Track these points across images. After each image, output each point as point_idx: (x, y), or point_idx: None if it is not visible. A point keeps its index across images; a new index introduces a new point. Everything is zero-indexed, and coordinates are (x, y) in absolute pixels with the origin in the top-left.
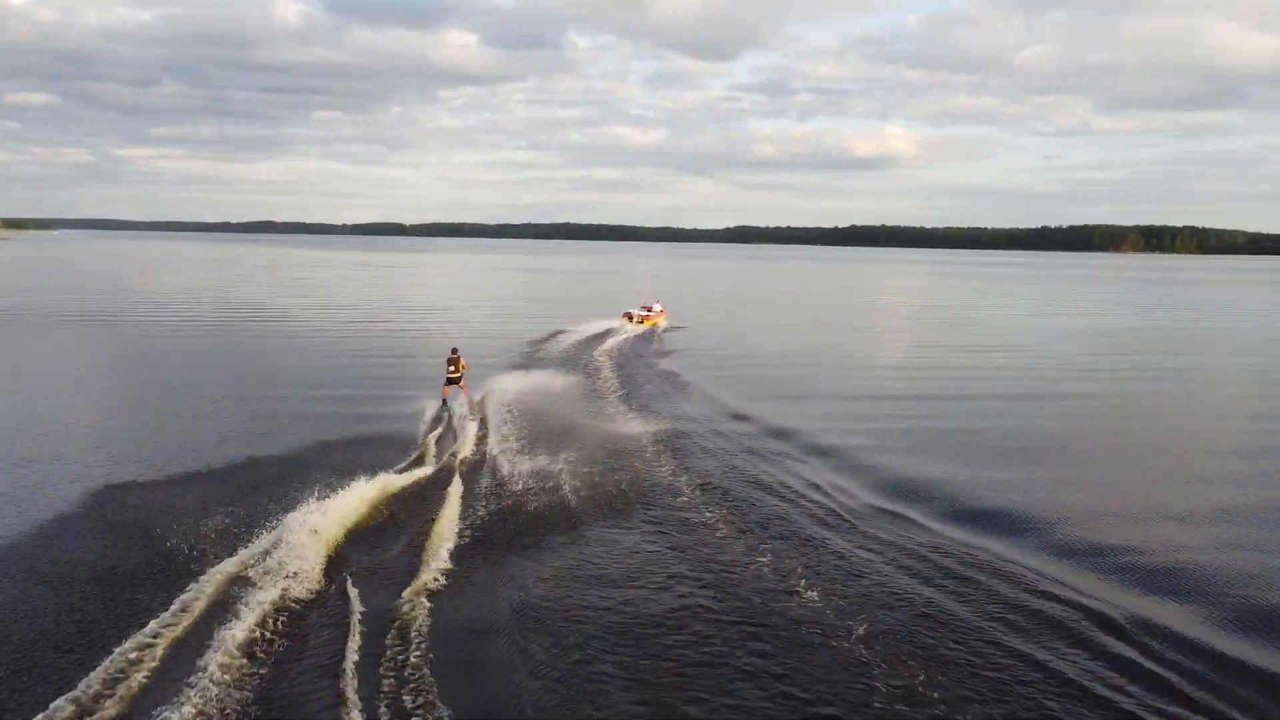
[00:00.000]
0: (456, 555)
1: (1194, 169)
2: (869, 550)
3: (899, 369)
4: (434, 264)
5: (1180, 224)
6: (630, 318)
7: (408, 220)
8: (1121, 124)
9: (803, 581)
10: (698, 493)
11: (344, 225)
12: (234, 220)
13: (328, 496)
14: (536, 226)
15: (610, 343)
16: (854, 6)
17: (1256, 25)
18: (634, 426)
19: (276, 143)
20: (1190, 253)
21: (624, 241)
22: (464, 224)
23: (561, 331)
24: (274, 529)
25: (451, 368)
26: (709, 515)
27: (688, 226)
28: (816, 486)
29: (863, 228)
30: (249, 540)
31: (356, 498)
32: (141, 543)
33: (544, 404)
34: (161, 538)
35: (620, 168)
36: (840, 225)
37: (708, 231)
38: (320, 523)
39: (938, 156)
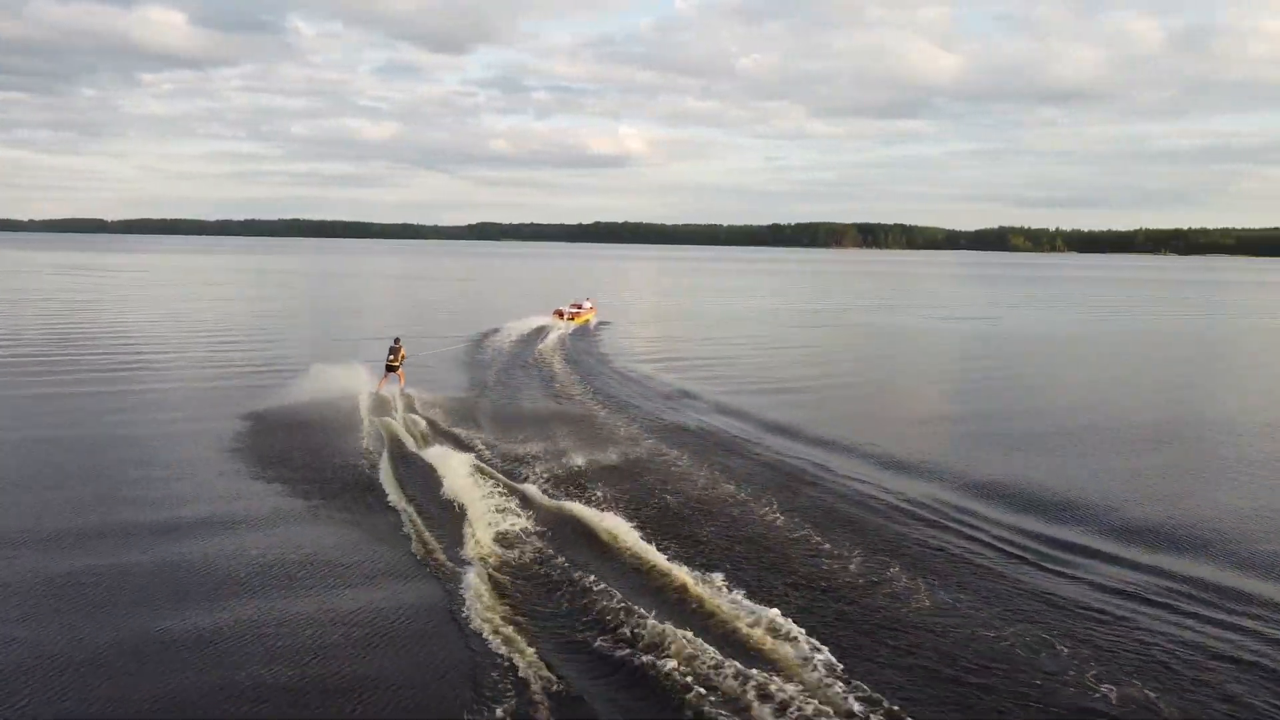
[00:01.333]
0: None
1: (897, 171)
2: None
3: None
4: (177, 266)
5: (891, 222)
6: (562, 315)
7: (110, 215)
8: (834, 129)
9: None
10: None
11: (31, 221)
12: None
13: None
14: (262, 223)
15: (552, 337)
16: (588, 7)
17: (941, 44)
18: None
19: None
20: (900, 248)
21: (361, 239)
22: (179, 220)
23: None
24: None
25: (392, 356)
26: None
27: (428, 223)
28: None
29: (607, 224)
30: None
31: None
32: None
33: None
34: None
35: (351, 162)
36: (585, 222)
37: (450, 229)
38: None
39: (671, 156)
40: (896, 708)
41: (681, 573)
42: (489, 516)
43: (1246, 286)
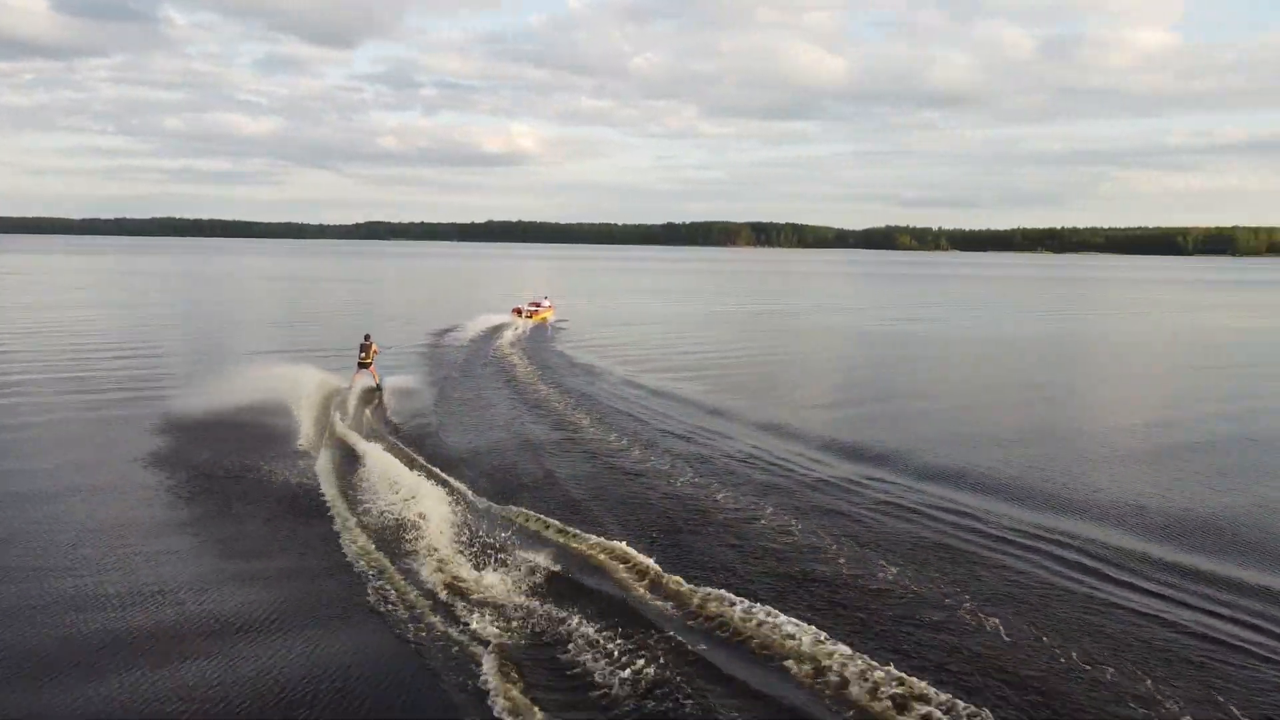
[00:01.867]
0: None
1: (786, 171)
2: None
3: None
4: (43, 268)
5: (782, 221)
6: (520, 313)
7: None
8: (723, 129)
9: None
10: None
11: None
12: None
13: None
14: (133, 222)
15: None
16: (477, 3)
17: (828, 48)
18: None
19: None
20: (792, 246)
21: (243, 239)
22: (42, 219)
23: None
24: None
25: (363, 353)
26: None
27: (313, 222)
28: None
29: (500, 223)
30: None
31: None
32: None
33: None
34: None
35: (229, 158)
36: (477, 221)
37: (337, 228)
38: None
39: (564, 155)
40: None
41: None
42: (455, 543)
43: (1155, 285)
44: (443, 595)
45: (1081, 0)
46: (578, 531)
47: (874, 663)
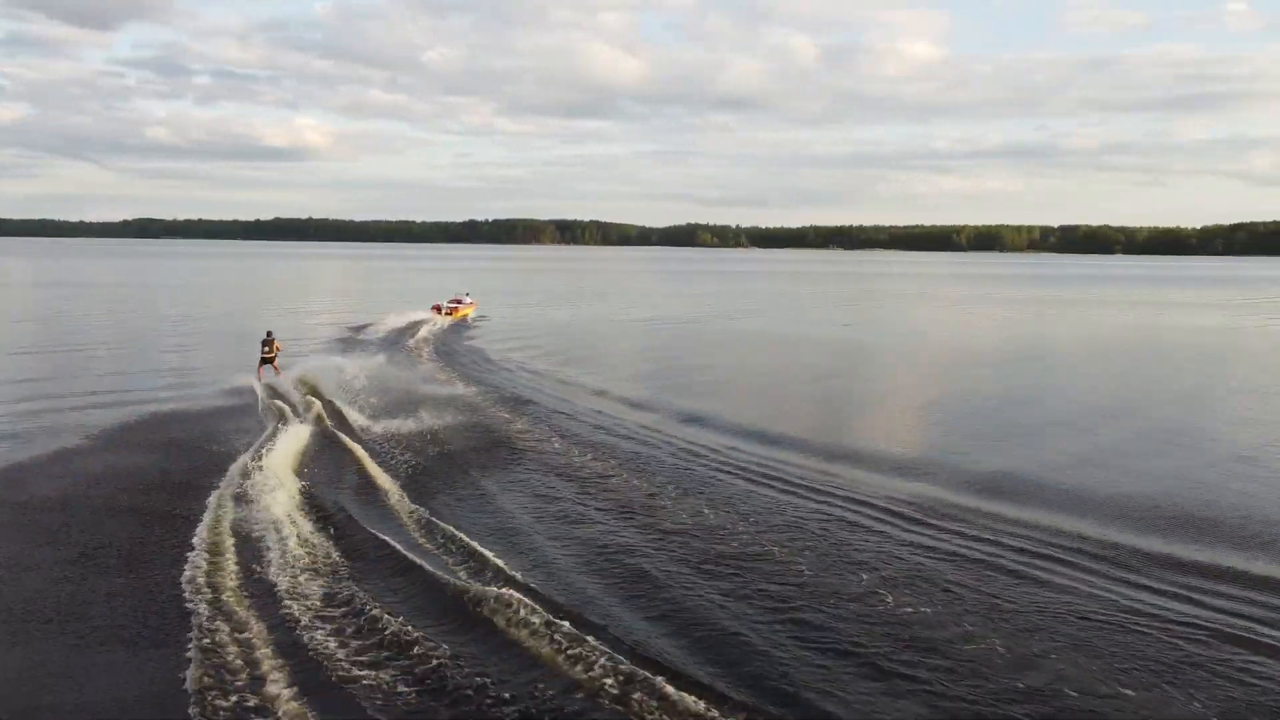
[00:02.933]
0: None
1: (586, 170)
2: None
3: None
4: None
5: (586, 219)
6: (440, 310)
7: None
8: (522, 127)
9: None
10: None
11: None
12: None
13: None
14: None
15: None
16: None
17: (623, 48)
18: None
19: None
20: (597, 244)
21: None
22: None
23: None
24: None
25: (266, 349)
26: None
27: (72, 219)
28: None
29: (288, 220)
30: None
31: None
32: None
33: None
34: None
35: None
36: (263, 218)
37: (101, 225)
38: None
39: (355, 150)
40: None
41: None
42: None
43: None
44: None
45: (860, 12)
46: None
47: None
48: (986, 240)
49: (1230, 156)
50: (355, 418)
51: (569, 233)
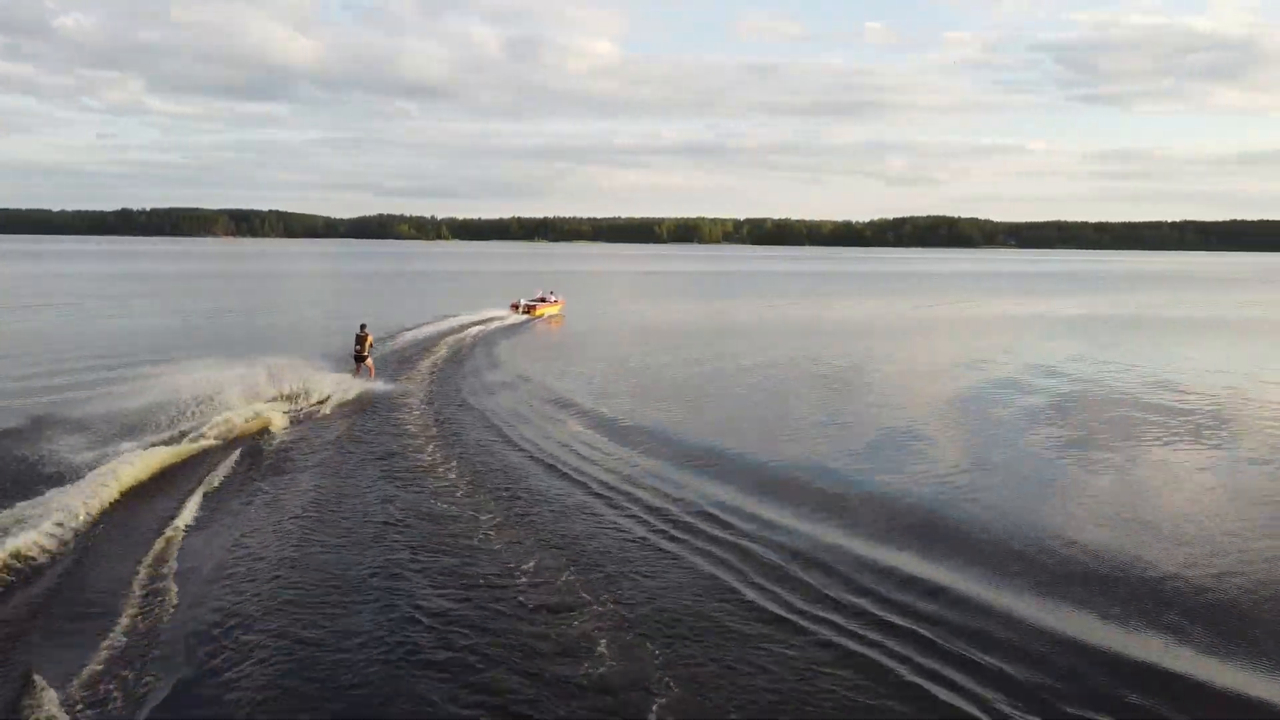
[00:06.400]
0: None
1: (257, 157)
2: None
3: None
4: None
5: (265, 208)
6: (517, 308)
7: None
8: (181, 107)
9: None
10: None
11: None
12: None
13: None
14: None
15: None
16: None
17: (297, 26)
18: None
19: None
20: (279, 236)
21: None
22: None
23: None
24: None
25: (359, 345)
26: None
27: None
28: None
29: None
30: None
31: None
32: None
33: None
34: None
35: None
36: None
37: None
38: None
39: None
40: None
41: None
42: None
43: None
44: None
45: (543, 6)
46: None
47: None
48: (686, 232)
49: (872, 159)
50: None
51: (246, 224)
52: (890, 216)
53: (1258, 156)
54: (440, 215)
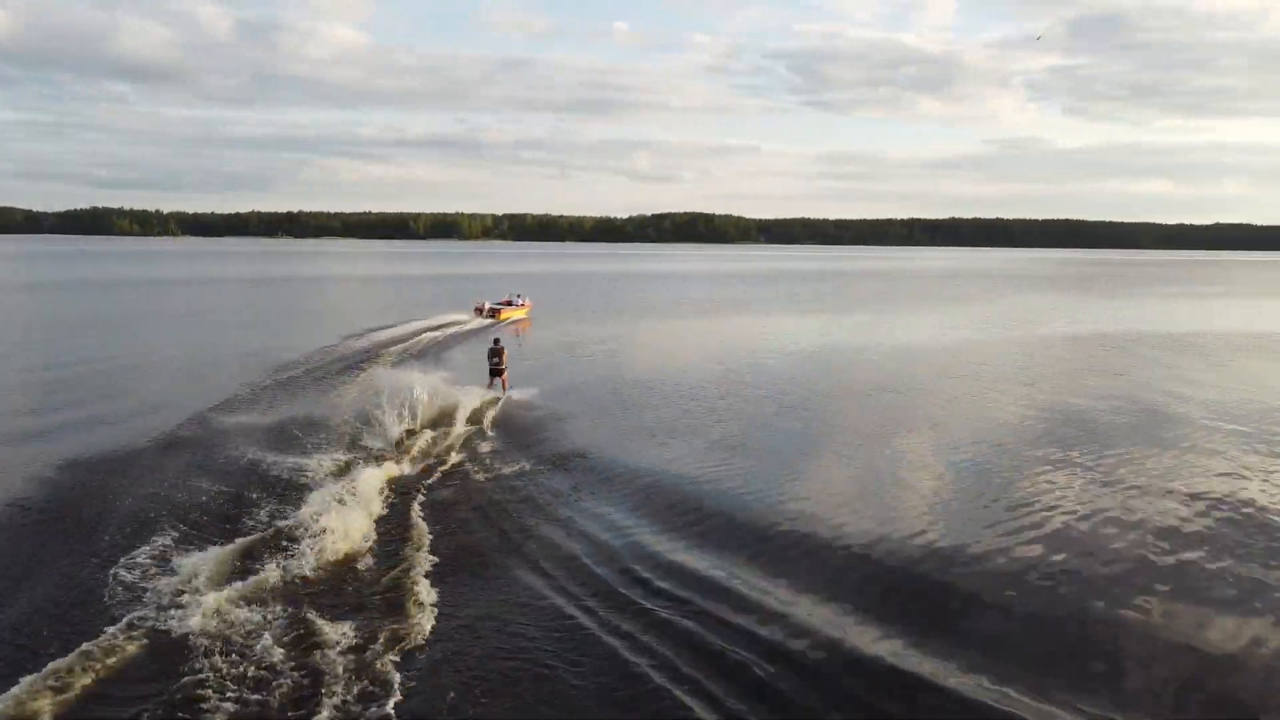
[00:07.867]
0: None
1: None
2: None
3: None
4: None
5: None
6: (481, 311)
7: None
8: None
9: None
10: None
11: None
12: None
13: None
14: None
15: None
16: None
17: None
18: None
19: None
20: None
21: None
22: None
23: None
24: None
25: (495, 359)
26: None
27: None
28: None
29: None
30: None
31: None
32: None
33: None
34: None
35: None
36: None
37: None
38: None
39: None
40: None
41: None
42: None
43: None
44: None
45: None
46: None
47: None
48: (444, 229)
49: (619, 156)
50: None
51: None
52: (642, 213)
53: (959, 161)
54: (166, 209)
